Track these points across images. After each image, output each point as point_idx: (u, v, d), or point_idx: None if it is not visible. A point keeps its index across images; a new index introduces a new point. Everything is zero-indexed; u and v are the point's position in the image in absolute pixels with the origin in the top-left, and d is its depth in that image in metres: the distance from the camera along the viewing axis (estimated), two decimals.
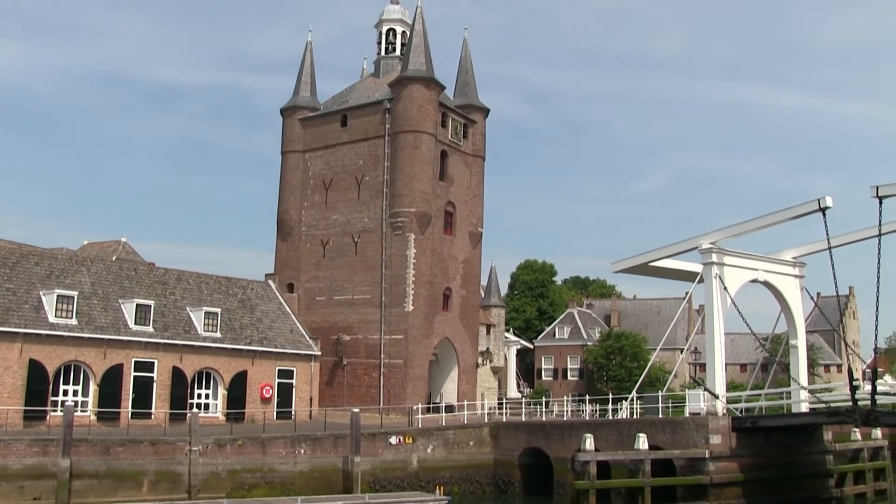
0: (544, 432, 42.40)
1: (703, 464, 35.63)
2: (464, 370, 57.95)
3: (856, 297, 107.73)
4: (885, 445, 44.92)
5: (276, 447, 37.41)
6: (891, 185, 34.12)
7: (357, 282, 55.29)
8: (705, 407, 38.56)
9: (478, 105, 61.21)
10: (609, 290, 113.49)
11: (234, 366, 46.90)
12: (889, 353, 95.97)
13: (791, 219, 38.18)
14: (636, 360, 75.94)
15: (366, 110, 57.33)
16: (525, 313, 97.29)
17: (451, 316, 56.96)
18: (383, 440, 40.35)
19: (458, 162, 58.55)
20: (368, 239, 55.29)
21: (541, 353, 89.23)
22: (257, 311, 51.34)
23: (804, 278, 43.92)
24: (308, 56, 62.50)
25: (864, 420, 34.30)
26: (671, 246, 42.57)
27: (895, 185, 34.27)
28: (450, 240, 57.29)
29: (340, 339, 54.24)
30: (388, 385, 52.46)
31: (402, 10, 62.31)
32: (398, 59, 60.04)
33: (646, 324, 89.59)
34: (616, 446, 37.59)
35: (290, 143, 60.41)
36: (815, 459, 40.14)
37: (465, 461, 42.63)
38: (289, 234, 59.21)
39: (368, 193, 55.89)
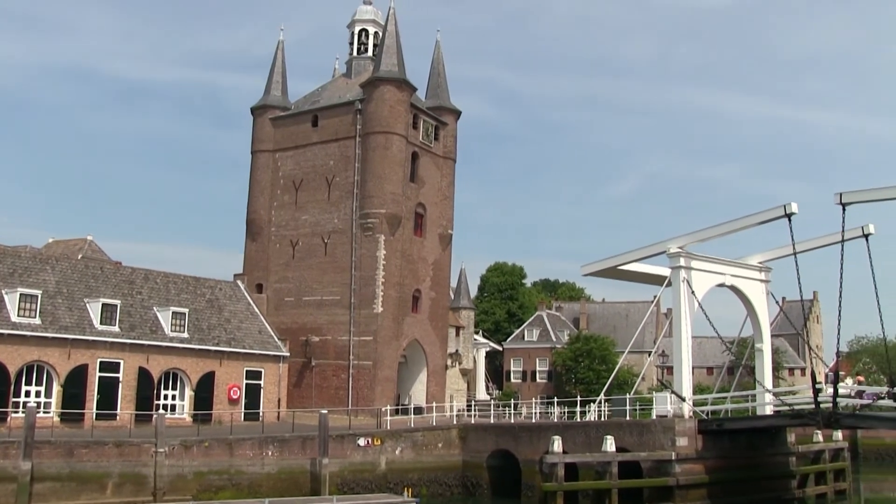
0: (513, 434, 42.53)
1: (670, 465, 35.99)
2: (433, 372, 57.94)
3: (820, 301, 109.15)
4: (845, 447, 45.79)
5: (244, 449, 37.14)
6: (854, 193, 34.72)
7: (326, 283, 55.07)
8: (672, 409, 38.96)
9: (449, 107, 61.28)
10: (578, 293, 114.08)
11: (202, 366, 46.52)
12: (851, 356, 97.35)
13: (757, 224, 38.71)
14: (604, 362, 76.41)
15: (337, 111, 57.12)
16: (494, 315, 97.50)
17: (420, 318, 56.93)
18: (352, 442, 40.23)
19: (428, 164, 58.56)
20: (338, 240, 55.09)
21: (510, 356, 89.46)
22: (225, 312, 50.99)
23: (770, 283, 44.57)
24: (279, 55, 62.16)
25: (825, 422, 34.89)
26: (640, 250, 42.96)
27: (858, 192, 34.89)
28: (420, 241, 57.28)
29: (309, 340, 53.98)
30: (356, 386, 52.30)
31: (374, 11, 62.20)
32: (370, 60, 59.90)
33: (614, 327, 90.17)
34: (584, 448, 37.83)
35: (261, 142, 60.03)
36: (778, 461, 40.76)
37: (434, 463, 42.63)
38: (258, 234, 58.84)
39: (339, 194, 55.70)
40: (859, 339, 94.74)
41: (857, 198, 34.69)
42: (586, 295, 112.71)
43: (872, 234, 38.73)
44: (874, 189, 35.28)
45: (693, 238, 40.76)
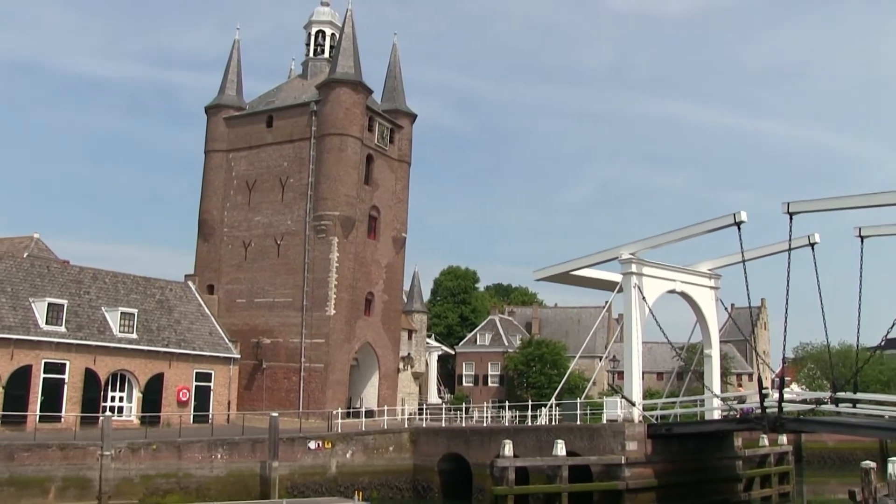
0: (464, 438, 42.57)
1: (619, 469, 36.32)
2: (385, 375, 57.80)
3: (767, 308, 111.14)
4: (789, 451, 46.71)
5: (192, 452, 36.59)
6: (801, 202, 35.41)
7: (279, 284, 54.63)
8: (622, 414, 39.30)
9: (405, 110, 61.27)
10: (531, 298, 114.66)
11: (151, 368, 45.74)
12: (797, 362, 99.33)
13: (707, 232, 39.25)
14: (556, 367, 76.85)
15: (292, 112, 56.76)
16: (447, 319, 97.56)
17: (372, 321, 56.76)
18: (302, 445, 39.92)
19: (383, 166, 58.46)
20: (291, 241, 54.70)
21: (462, 360, 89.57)
22: (176, 313, 50.24)
23: (719, 290, 45.25)
24: (235, 54, 61.58)
25: (771, 427, 35.49)
26: (592, 255, 43.29)
27: (805, 202, 35.60)
28: (373, 244, 57.13)
29: (260, 342, 53.48)
30: (308, 389, 51.95)
31: (332, 13, 61.95)
32: (326, 62, 59.63)
33: (566, 332, 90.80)
34: (534, 452, 37.98)
35: (214, 142, 59.37)
36: (725, 464, 41.41)
37: (385, 466, 42.49)
38: (210, 234, 58.15)
39: (292, 196, 55.32)
40: (804, 345, 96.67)
41: (804, 207, 35.38)
42: (539, 300, 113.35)
43: (818, 243, 39.52)
44: (820, 199, 36.01)
45: (644, 245, 41.22)
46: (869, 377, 70.51)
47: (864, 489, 27.93)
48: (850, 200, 34.89)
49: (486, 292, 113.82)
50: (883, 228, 38.60)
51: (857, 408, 35.30)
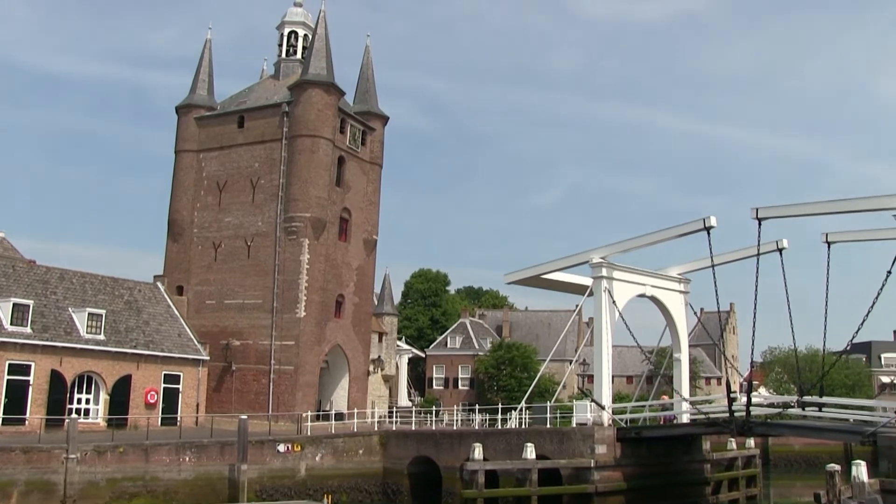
0: (434, 441, 42.54)
1: (589, 473, 36.47)
2: (355, 378, 57.58)
3: (736, 313, 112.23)
4: (756, 454, 47.21)
5: (160, 454, 36.22)
6: (769, 208, 35.78)
7: (249, 286, 54.22)
8: (592, 417, 39.46)
9: (377, 112, 61.13)
10: (501, 301, 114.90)
11: (118, 369, 45.18)
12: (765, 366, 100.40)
13: (677, 237, 39.53)
14: (526, 370, 77.08)
15: (264, 112, 56.38)
16: (417, 322, 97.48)
17: (343, 323, 56.53)
18: (271, 448, 39.67)
19: (355, 169, 58.27)
20: (262, 243, 54.33)
21: (432, 363, 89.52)
22: (144, 314, 49.70)
23: (688, 294, 45.61)
24: (207, 54, 61.07)
25: (739, 430, 35.85)
26: (563, 259, 43.46)
27: (773, 208, 35.98)
28: (344, 246, 56.91)
29: (230, 343, 53.03)
30: (277, 392, 51.58)
31: (304, 13, 61.63)
32: (299, 63, 59.34)
33: (536, 335, 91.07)
34: (504, 455, 38.04)
35: (185, 142, 58.82)
36: (693, 468, 41.71)
37: (354, 470, 42.36)
38: (180, 235, 57.59)
39: (263, 197, 54.95)
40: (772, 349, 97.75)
41: (772, 213, 35.76)
42: (509, 303, 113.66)
43: (786, 248, 40.00)
44: (788, 205, 36.40)
45: (615, 249, 41.43)
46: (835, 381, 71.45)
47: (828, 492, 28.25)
48: (817, 207, 35.34)
49: (456, 295, 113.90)
50: (849, 234, 39.15)
51: (822, 411, 35.74)
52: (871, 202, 33.15)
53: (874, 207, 33.17)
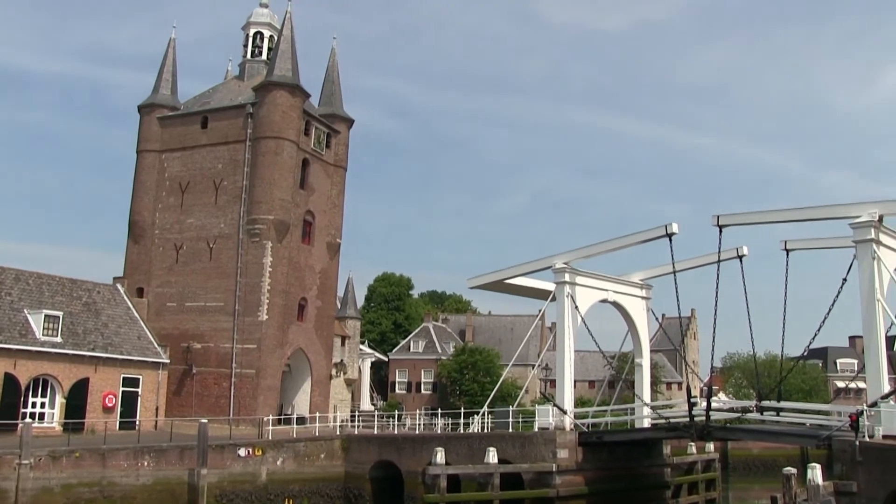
0: (396, 446, 42.45)
1: (550, 477, 36.60)
2: (317, 382, 57.23)
3: (697, 318, 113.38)
4: (716, 458, 47.78)
5: (118, 459, 35.60)
6: (730, 216, 36.29)
7: (210, 288, 53.65)
8: (554, 422, 39.62)
9: (342, 115, 60.92)
10: (465, 306, 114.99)
11: (75, 373, 44.39)
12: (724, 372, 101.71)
13: (640, 243, 39.87)
14: (489, 375, 77.18)
15: (228, 113, 55.89)
16: (381, 326, 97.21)
17: (305, 326, 56.19)
18: (232, 452, 39.25)
19: (319, 171, 57.98)
20: (224, 245, 53.81)
21: (395, 366, 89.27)
22: (103, 316, 48.92)
23: (650, 300, 46.02)
24: (170, 53, 60.39)
25: (699, 434, 36.23)
26: (526, 264, 43.62)
27: (734, 215, 36.51)
28: (307, 249, 56.58)
29: (191, 346, 52.43)
30: (238, 395, 51.08)
31: (270, 14, 61.21)
32: (264, 64, 58.93)
33: (499, 340, 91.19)
34: (467, 460, 38.05)
35: (147, 142, 58.08)
36: (654, 472, 42.07)
37: (316, 474, 42.07)
38: (141, 236, 56.82)
39: (226, 198, 54.44)
40: (732, 355, 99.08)
41: (732, 220, 36.27)
42: (473, 308, 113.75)
43: (746, 255, 40.58)
44: (748, 213, 37.00)
45: (578, 254, 41.67)
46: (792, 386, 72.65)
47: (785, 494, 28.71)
48: (777, 215, 35.92)
49: (420, 299, 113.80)
50: (808, 242, 39.83)
51: (780, 416, 36.28)
52: (829, 211, 33.79)
53: (831, 216, 33.83)
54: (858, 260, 31.30)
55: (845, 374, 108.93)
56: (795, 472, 27.68)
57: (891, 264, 31.90)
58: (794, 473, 27.54)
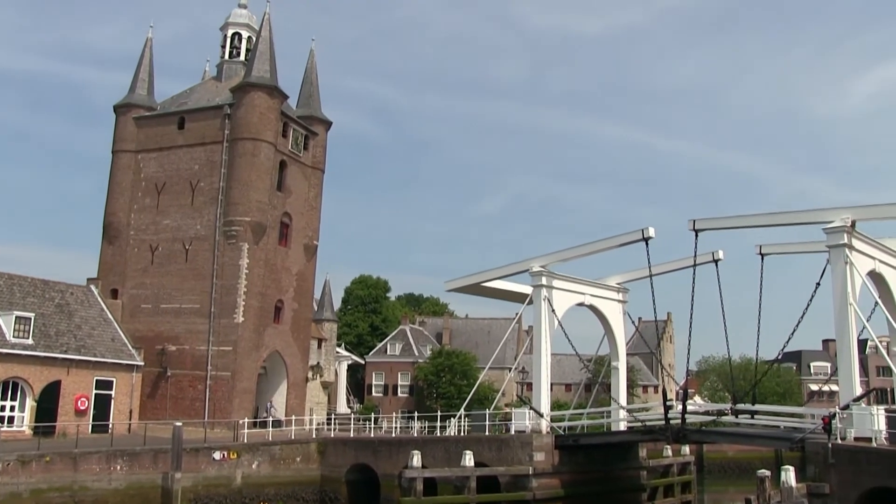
0: (372, 449, 42.32)
1: (527, 480, 36.61)
2: (293, 384, 56.96)
3: (673, 322, 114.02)
4: (691, 461, 48.00)
5: (90, 463, 35.18)
6: (706, 220, 36.53)
7: (186, 290, 53.24)
8: (530, 425, 39.65)
9: (320, 117, 60.71)
10: (442, 309, 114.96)
11: (47, 375, 43.81)
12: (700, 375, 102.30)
13: (617, 247, 40.03)
14: (466, 377, 77.15)
15: (205, 114, 55.52)
16: (357, 328, 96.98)
17: (282, 329, 55.90)
18: (206, 455, 38.95)
19: (296, 173, 57.74)
20: (200, 246, 53.42)
21: (372, 369, 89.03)
22: (76, 318, 48.38)
23: (627, 303, 46.20)
24: (147, 52, 59.91)
25: (674, 437, 36.41)
26: (503, 267, 43.67)
27: (710, 220, 36.74)
28: (284, 251, 56.31)
29: (165, 349, 51.97)
30: (213, 398, 50.71)
31: (249, 15, 60.88)
32: (242, 65, 58.60)
33: (476, 343, 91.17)
34: (443, 463, 37.97)
35: (123, 142, 57.56)
36: (630, 475, 42.22)
37: (292, 477, 41.84)
38: (116, 237, 56.27)
39: (203, 200, 54.06)
40: (707, 358, 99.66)
41: (709, 225, 36.50)
42: (450, 310, 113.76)
43: (722, 259, 40.83)
44: (724, 217, 37.22)
45: (555, 258, 41.76)
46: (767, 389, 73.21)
47: (759, 496, 28.96)
48: (752, 219, 36.14)
49: (397, 302, 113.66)
50: (783, 246, 40.18)
51: (755, 419, 36.52)
52: (803, 216, 34.11)
53: (806, 221, 34.14)
54: (831, 264, 31.58)
55: (819, 377, 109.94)
56: (769, 475, 27.90)
57: (863, 269, 32.23)
58: (768, 475, 27.75)
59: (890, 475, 25.04)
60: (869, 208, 32.39)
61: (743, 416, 36.68)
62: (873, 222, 33.46)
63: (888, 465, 25.43)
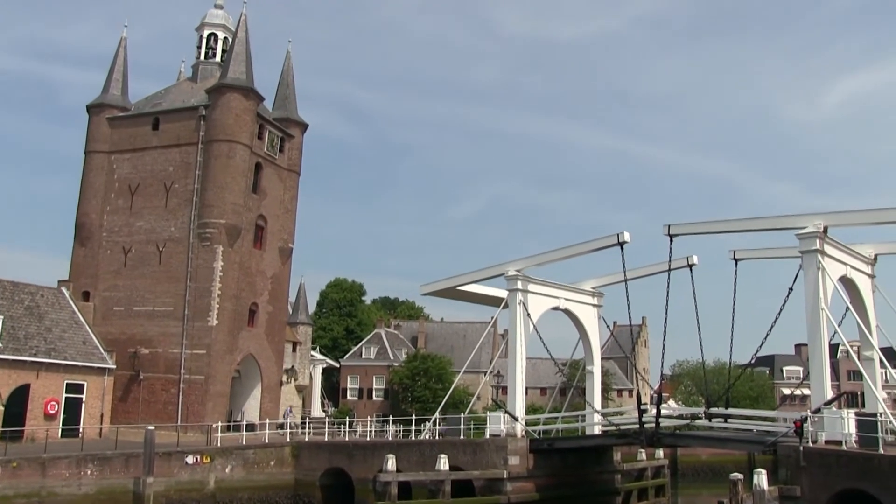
0: (347, 452, 42.13)
1: (502, 484, 36.59)
2: (267, 388, 56.60)
3: (647, 326, 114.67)
4: (665, 464, 48.24)
5: (59, 468, 34.64)
6: (680, 225, 36.75)
7: (159, 293, 52.75)
8: (505, 429, 39.64)
9: (296, 119, 60.46)
10: (417, 312, 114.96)
11: (15, 378, 43.14)
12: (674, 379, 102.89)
13: (592, 251, 40.15)
14: (441, 381, 77.05)
15: (180, 115, 55.09)
16: (332, 332, 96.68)
17: (256, 332, 55.54)
18: (179, 460, 38.54)
19: (272, 175, 57.44)
20: (174, 249, 52.97)
21: (346, 373, 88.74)
22: (46, 320, 47.75)
23: (602, 308, 46.35)
24: (121, 52, 59.35)
25: (648, 441, 36.57)
26: (479, 271, 43.68)
27: (684, 224, 36.97)
28: (259, 254, 55.98)
29: (138, 352, 51.43)
30: (187, 402, 50.24)
31: (225, 16, 60.50)
32: (218, 66, 58.23)
33: (452, 346, 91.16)
34: (418, 467, 37.85)
35: (96, 142, 56.97)
36: (604, 478, 42.33)
37: (265, 482, 41.52)
38: (88, 238, 55.66)
39: (177, 202, 53.63)
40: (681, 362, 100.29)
41: (683, 230, 36.73)
42: (425, 314, 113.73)
43: (696, 264, 41.10)
44: (698, 223, 37.48)
45: (531, 262, 41.83)
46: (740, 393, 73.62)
47: (731, 499, 29.19)
48: (726, 225, 36.43)
49: (372, 305, 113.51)
50: (756, 252, 40.49)
51: (728, 423, 36.75)
52: (776, 221, 34.40)
53: (778, 227, 34.44)
54: (804, 270, 31.89)
55: (791, 381, 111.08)
56: (742, 478, 28.12)
57: (835, 274, 32.58)
58: (741, 479, 27.97)
59: (859, 477, 25.31)
60: (841, 214, 32.80)
61: (716, 420, 36.92)
62: (845, 228, 33.89)
63: (858, 467, 25.71)
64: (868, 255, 36.33)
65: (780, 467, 28.80)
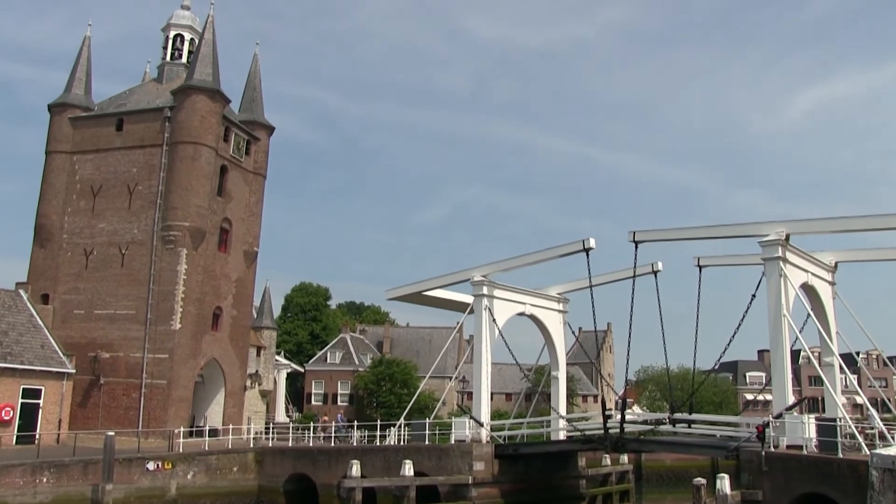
0: (311, 458, 41.83)
1: (466, 490, 36.56)
2: (231, 393, 56.00)
3: (613, 332, 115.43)
4: (630, 469, 48.54)
5: (13, 476, 33.76)
6: (645, 232, 37.05)
7: (121, 296, 51.93)
8: (470, 434, 39.65)
9: (263, 122, 60.02)
10: (383, 317, 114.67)
11: None
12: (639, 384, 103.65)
13: (558, 257, 40.34)
14: (406, 386, 76.92)
15: (144, 116, 54.35)
16: (297, 336, 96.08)
17: (220, 336, 54.94)
18: (140, 466, 37.95)
19: (237, 178, 56.93)
20: (137, 251, 52.22)
21: (311, 378, 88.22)
22: (2, 323, 46.82)
23: (567, 313, 46.54)
24: (85, 51, 58.43)
25: (613, 446, 36.80)
26: (445, 276, 43.68)
27: (649, 231, 37.28)
28: (224, 257, 55.40)
29: (99, 356, 50.56)
30: (148, 407, 49.46)
31: (192, 17, 59.87)
32: (184, 67, 57.59)
33: (417, 351, 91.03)
34: (382, 473, 37.71)
35: (57, 142, 56.00)
36: (569, 483, 42.50)
37: (228, 488, 41.07)
38: (48, 240, 54.67)
39: (140, 204, 52.89)
40: (646, 368, 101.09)
41: (648, 237, 37.03)
42: (391, 319, 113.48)
43: (661, 271, 41.43)
44: (663, 230, 37.82)
45: (496, 267, 41.89)
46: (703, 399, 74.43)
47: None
48: (690, 232, 36.81)
49: (337, 310, 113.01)
50: (720, 259, 40.93)
51: (692, 428, 37.06)
52: (740, 229, 34.80)
53: (742, 234, 34.84)
54: (766, 277, 32.26)
55: (754, 386, 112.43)
56: (705, 483, 28.30)
57: (796, 281, 33.01)
58: (704, 483, 28.14)
59: (819, 481, 25.63)
60: (802, 222, 33.27)
61: (680, 426, 37.21)
62: (807, 236, 34.40)
63: (818, 471, 26.04)
64: (829, 262, 36.90)
65: (742, 472, 29.08)
